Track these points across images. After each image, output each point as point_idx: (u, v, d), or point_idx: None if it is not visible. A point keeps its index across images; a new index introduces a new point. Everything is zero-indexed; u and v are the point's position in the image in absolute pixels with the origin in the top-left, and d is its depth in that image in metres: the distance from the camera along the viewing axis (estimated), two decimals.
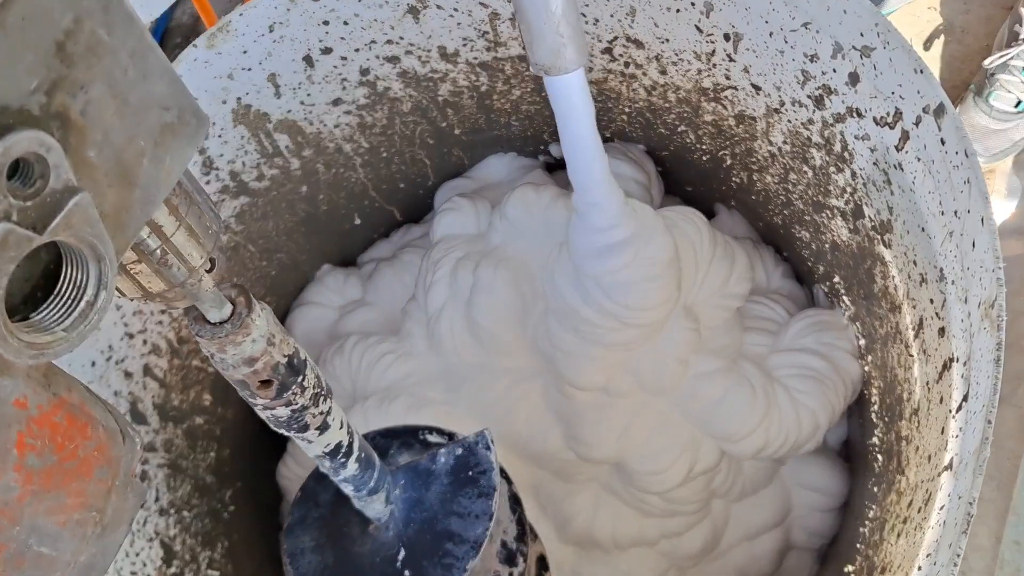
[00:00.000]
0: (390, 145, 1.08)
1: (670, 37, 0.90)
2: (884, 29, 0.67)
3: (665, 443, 0.98)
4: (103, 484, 0.31)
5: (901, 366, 0.81)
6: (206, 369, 1.01)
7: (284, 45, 0.89)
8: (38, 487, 0.28)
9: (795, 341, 1.01)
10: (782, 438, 0.97)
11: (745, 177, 1.02)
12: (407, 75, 0.99)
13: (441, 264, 1.02)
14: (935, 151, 0.65)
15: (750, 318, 1.04)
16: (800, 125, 0.85)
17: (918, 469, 0.71)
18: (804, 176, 0.91)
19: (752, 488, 1.05)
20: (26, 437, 0.27)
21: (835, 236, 0.91)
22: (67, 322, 0.27)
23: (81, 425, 0.30)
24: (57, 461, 0.28)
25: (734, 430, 0.96)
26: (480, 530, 0.59)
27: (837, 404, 0.98)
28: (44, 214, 0.25)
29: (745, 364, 0.99)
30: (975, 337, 0.61)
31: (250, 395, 0.44)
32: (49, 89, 0.25)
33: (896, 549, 0.69)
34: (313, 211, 1.08)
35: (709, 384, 0.97)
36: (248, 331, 0.40)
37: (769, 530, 1.07)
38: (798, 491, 1.07)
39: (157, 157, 0.29)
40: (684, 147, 1.07)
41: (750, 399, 0.96)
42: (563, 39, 0.66)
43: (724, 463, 1.01)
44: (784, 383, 0.98)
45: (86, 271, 0.28)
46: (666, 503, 1.01)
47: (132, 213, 0.29)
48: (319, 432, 0.48)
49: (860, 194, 0.81)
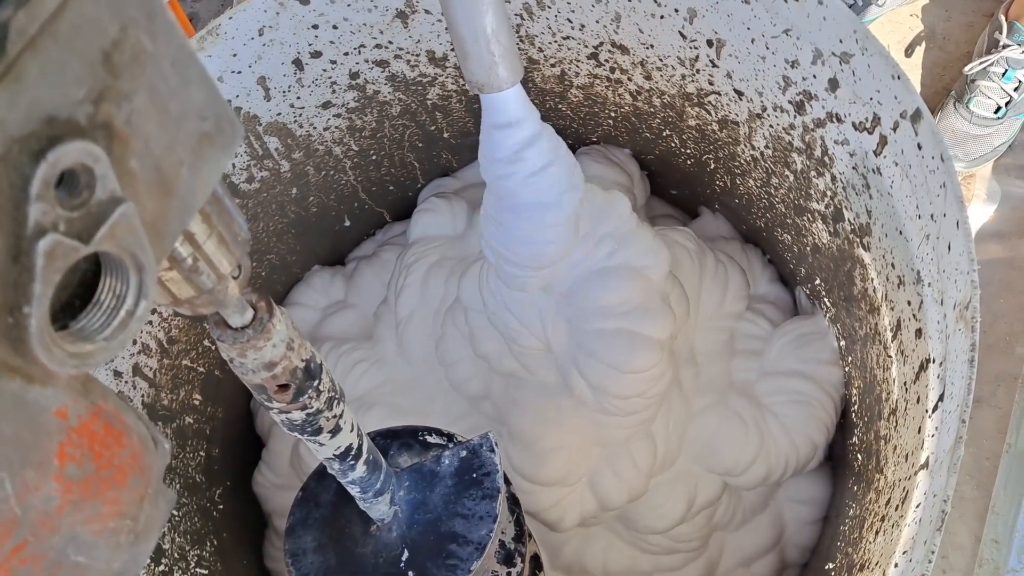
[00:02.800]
0: (379, 148, 1.09)
1: (655, 43, 0.91)
2: (862, 36, 0.69)
3: (661, 480, 0.98)
4: (137, 492, 0.31)
5: (880, 367, 0.82)
6: (196, 369, 1.02)
7: (274, 49, 0.91)
8: (76, 496, 0.28)
9: (779, 362, 1.01)
10: (783, 464, 0.98)
11: (728, 181, 1.04)
12: (396, 79, 1.01)
13: (413, 268, 1.02)
14: (912, 156, 0.67)
15: (737, 338, 1.04)
16: (782, 130, 0.87)
17: (896, 468, 0.72)
18: (786, 180, 0.92)
19: (751, 514, 1.05)
20: (66, 447, 0.27)
21: (816, 239, 0.93)
22: (107, 331, 0.27)
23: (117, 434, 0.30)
24: (95, 470, 0.29)
25: (731, 464, 0.97)
26: (484, 532, 0.60)
27: (829, 421, 0.99)
28: (90, 224, 0.25)
29: (734, 397, 0.99)
30: (950, 338, 0.62)
31: (266, 399, 0.44)
32: (96, 99, 0.25)
33: (874, 547, 0.70)
34: (303, 213, 1.09)
35: (701, 422, 0.97)
36: (269, 336, 0.40)
37: (765, 554, 1.06)
38: (788, 506, 1.06)
39: (194, 166, 0.30)
40: (669, 151, 1.08)
41: (743, 433, 0.96)
42: (495, 57, 0.66)
43: (725, 496, 1.01)
44: (774, 411, 0.99)
45: (126, 280, 0.28)
46: (668, 541, 1.00)
47: (170, 222, 0.29)
48: (331, 435, 0.49)
49: (840, 198, 0.82)
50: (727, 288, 1.03)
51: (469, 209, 1.08)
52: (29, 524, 0.26)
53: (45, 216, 0.24)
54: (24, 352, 0.24)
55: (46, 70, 0.23)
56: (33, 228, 0.24)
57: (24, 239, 0.24)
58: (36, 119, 0.23)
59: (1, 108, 0.22)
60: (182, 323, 0.98)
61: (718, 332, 1.02)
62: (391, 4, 0.92)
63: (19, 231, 0.23)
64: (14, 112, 0.23)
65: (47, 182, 0.24)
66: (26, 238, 0.24)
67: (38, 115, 0.23)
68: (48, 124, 0.23)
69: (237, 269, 0.36)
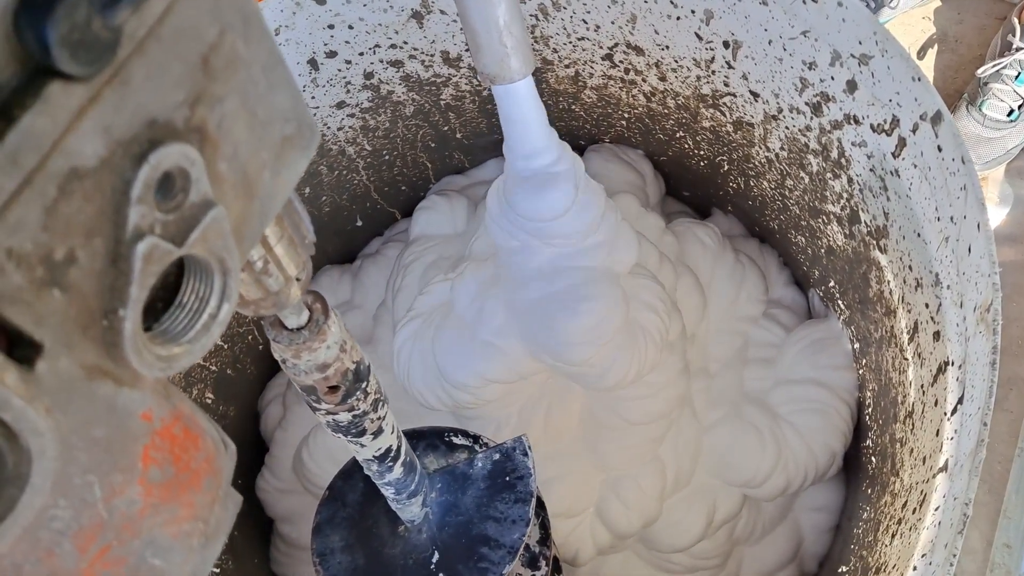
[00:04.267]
0: (392, 148, 1.09)
1: (670, 44, 0.91)
2: (882, 37, 0.69)
3: (678, 496, 0.97)
4: (210, 495, 0.31)
5: (895, 369, 0.82)
6: (208, 368, 1.02)
7: (289, 48, 0.91)
8: (157, 500, 0.28)
9: (793, 370, 1.00)
10: (802, 474, 0.97)
11: (742, 182, 1.04)
12: (410, 79, 1.01)
13: (411, 268, 1.01)
14: (932, 158, 0.67)
15: (750, 346, 1.03)
16: (798, 132, 0.87)
17: (912, 471, 0.72)
18: (801, 182, 0.92)
19: (771, 527, 1.03)
20: (150, 450, 0.27)
21: (831, 241, 0.93)
22: (190, 334, 0.27)
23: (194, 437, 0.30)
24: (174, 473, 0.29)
25: (750, 476, 0.96)
26: (516, 536, 0.59)
27: (846, 428, 0.98)
28: (183, 227, 0.25)
29: (748, 408, 0.98)
30: (970, 341, 0.62)
31: (315, 400, 0.44)
32: (192, 102, 0.25)
33: (891, 550, 0.70)
34: (316, 212, 1.09)
35: (715, 434, 0.96)
36: (324, 338, 0.40)
37: (785, 566, 1.04)
38: (806, 515, 1.05)
39: (276, 169, 0.30)
40: (682, 152, 1.08)
41: (760, 444, 0.95)
42: (507, 49, 0.66)
43: (745, 509, 1.00)
44: (789, 420, 0.98)
45: (210, 283, 0.28)
46: (690, 559, 0.98)
47: (251, 225, 0.29)
48: (373, 437, 0.49)
49: (856, 200, 0.82)
50: (741, 288, 1.03)
51: (470, 207, 1.07)
52: (114, 527, 0.26)
53: (144, 219, 0.24)
54: (116, 355, 0.24)
55: (150, 73, 0.23)
56: (132, 231, 0.24)
57: (123, 242, 0.24)
58: (139, 122, 0.23)
59: (108, 112, 0.22)
60: None
61: (732, 336, 1.02)
62: (407, 4, 0.92)
63: (118, 234, 0.24)
64: (120, 115, 0.23)
65: (148, 185, 0.24)
66: (125, 241, 0.24)
67: (141, 118, 0.23)
68: (149, 127, 0.24)
69: (302, 272, 0.36)
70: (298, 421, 1.04)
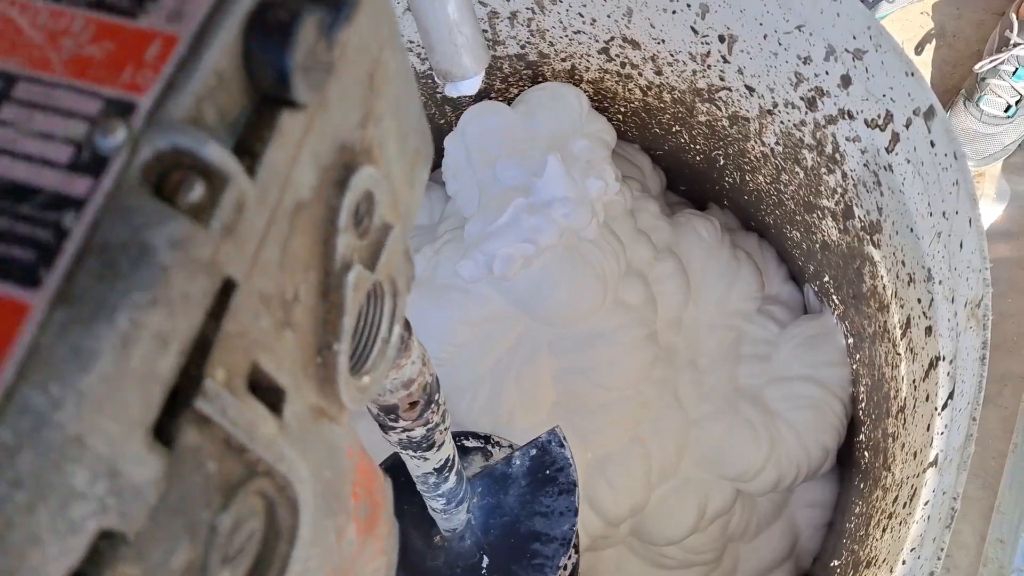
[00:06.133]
0: None
1: (666, 38, 0.91)
2: (876, 32, 0.68)
3: (670, 489, 0.97)
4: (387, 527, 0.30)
5: (888, 364, 0.82)
6: None
7: None
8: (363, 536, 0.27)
9: (787, 367, 1.00)
10: (795, 469, 0.97)
11: (738, 177, 1.04)
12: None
13: None
14: (925, 153, 0.67)
15: (744, 342, 1.03)
16: (792, 126, 0.86)
17: (904, 465, 0.72)
18: (796, 177, 0.92)
19: (765, 523, 1.03)
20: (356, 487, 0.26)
21: (825, 236, 0.93)
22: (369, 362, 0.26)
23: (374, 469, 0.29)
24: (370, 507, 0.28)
25: (742, 470, 0.96)
26: (567, 526, 0.58)
27: (839, 424, 0.98)
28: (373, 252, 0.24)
29: (741, 402, 0.99)
30: (961, 336, 0.62)
31: (392, 419, 0.42)
32: (363, 122, 0.24)
33: (881, 544, 0.70)
34: None
35: (707, 428, 0.97)
36: (410, 353, 0.38)
37: (781, 563, 1.04)
38: (801, 511, 1.05)
39: (411, 183, 0.28)
40: (678, 147, 1.08)
41: (752, 439, 0.95)
42: (457, 47, 0.67)
43: (738, 504, 1.00)
44: (784, 416, 0.98)
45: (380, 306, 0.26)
46: (683, 553, 0.98)
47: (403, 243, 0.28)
48: (438, 449, 0.47)
49: (851, 195, 0.82)
50: (735, 283, 1.03)
51: (446, 198, 1.07)
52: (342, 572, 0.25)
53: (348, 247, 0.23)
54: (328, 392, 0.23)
55: (341, 95, 0.22)
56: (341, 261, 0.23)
57: (333, 274, 0.23)
58: (334, 147, 0.22)
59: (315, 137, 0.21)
60: None
61: (724, 331, 1.02)
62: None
63: (328, 265, 0.22)
64: (323, 141, 0.21)
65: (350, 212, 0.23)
66: (335, 272, 0.23)
67: (335, 142, 0.22)
68: (340, 151, 0.22)
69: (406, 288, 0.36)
70: None
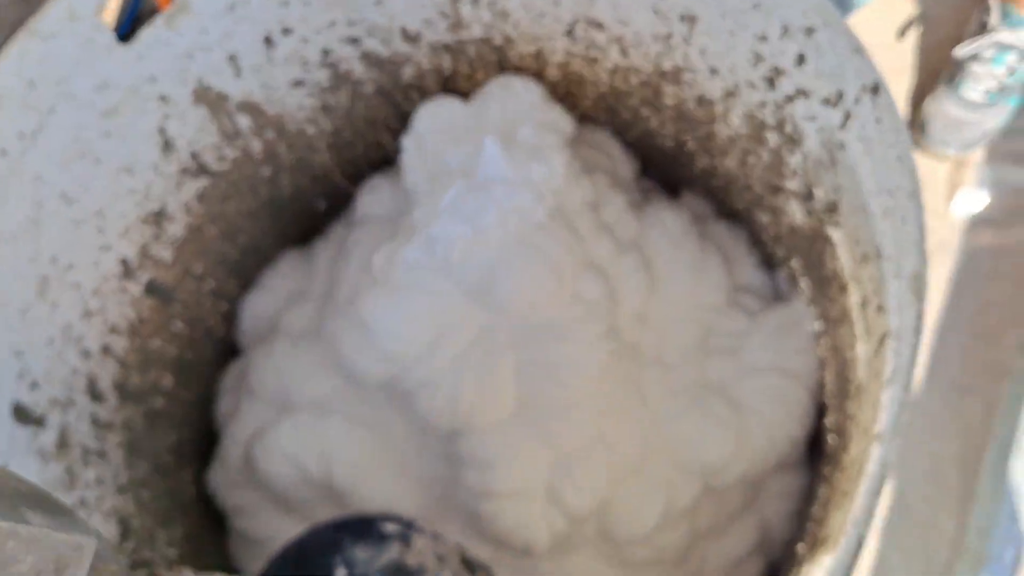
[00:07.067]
0: (354, 128, 1.09)
1: (629, 19, 0.90)
2: (823, 9, 0.68)
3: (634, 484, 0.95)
4: None
5: (848, 346, 0.81)
6: (166, 351, 1.01)
7: (244, 25, 0.90)
8: None
9: (756, 358, 0.98)
10: (762, 460, 0.96)
11: (708, 161, 1.03)
12: (369, 57, 1.00)
13: (353, 255, 1.00)
14: (872, 130, 0.66)
15: (713, 335, 1.01)
16: (755, 107, 0.86)
17: (857, 443, 0.71)
18: (761, 159, 0.91)
19: (735, 517, 1.01)
20: None
21: (792, 219, 0.92)
22: None
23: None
24: None
25: (709, 464, 0.94)
26: None
27: (807, 414, 0.97)
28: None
29: (709, 397, 0.97)
30: (904, 311, 0.61)
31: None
32: None
33: (833, 521, 0.69)
34: (277, 194, 1.08)
35: (673, 425, 0.95)
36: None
37: (750, 556, 1.02)
38: (770, 502, 1.03)
39: None
40: (648, 132, 1.07)
41: (720, 433, 0.94)
42: None
43: (706, 499, 0.98)
44: (752, 408, 0.96)
45: None
46: (650, 551, 0.96)
47: None
48: None
49: (811, 175, 0.81)
50: (703, 277, 1.01)
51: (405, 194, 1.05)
52: None
53: None
54: None
55: None
56: None
57: None
58: None
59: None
60: (153, 304, 0.97)
61: (692, 326, 1.00)
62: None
63: None
64: None
65: None
66: None
67: None
68: None
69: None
70: (249, 414, 1.02)
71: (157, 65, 0.85)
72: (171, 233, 0.97)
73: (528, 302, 0.88)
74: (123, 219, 0.90)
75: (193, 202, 0.98)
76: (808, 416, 0.97)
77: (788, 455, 0.97)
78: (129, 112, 0.85)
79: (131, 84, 0.84)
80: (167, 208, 0.95)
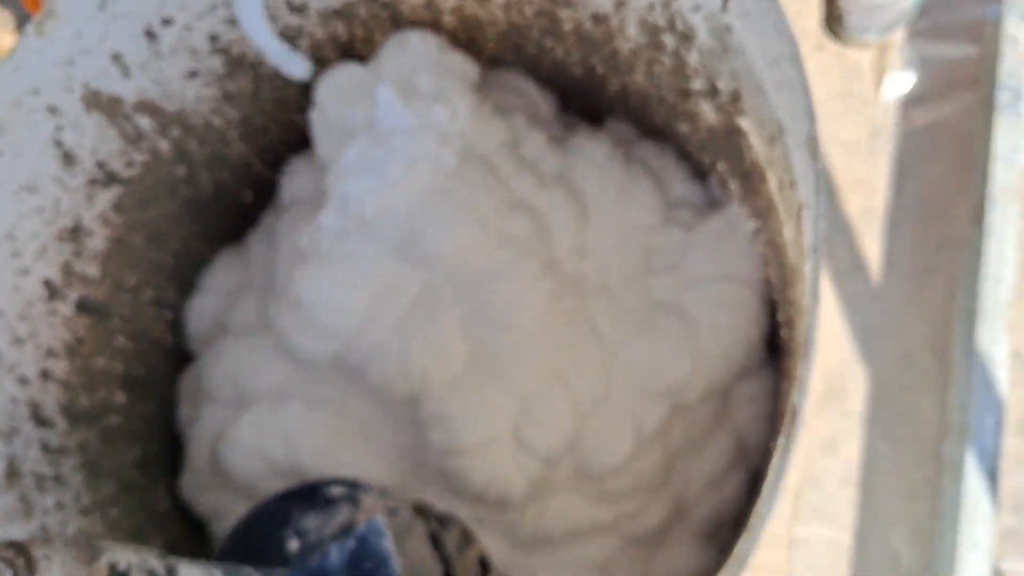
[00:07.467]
0: (263, 113, 1.07)
1: None
2: None
3: (600, 416, 0.94)
4: None
5: (778, 233, 0.80)
6: (113, 367, 0.99)
7: (120, 22, 0.88)
8: None
9: (700, 269, 0.97)
10: (722, 369, 0.95)
11: (618, 82, 1.01)
12: None
13: (283, 241, 0.99)
14: (750, 4, 0.64)
15: (652, 255, 1.00)
16: (645, 11, 0.84)
17: (799, 328, 0.70)
18: (665, 66, 0.90)
19: (708, 431, 1.00)
20: None
21: (707, 120, 0.91)
22: None
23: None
24: None
25: (670, 384, 0.93)
26: None
27: (759, 315, 0.96)
28: None
29: (660, 317, 0.96)
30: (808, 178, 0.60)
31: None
32: None
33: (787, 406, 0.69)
34: (198, 192, 1.06)
35: (628, 350, 0.94)
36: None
37: (731, 468, 1.01)
38: (740, 409, 1.01)
39: None
40: (557, 64, 1.05)
41: (675, 351, 0.93)
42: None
43: (675, 418, 0.97)
44: (703, 320, 0.95)
45: None
46: (628, 480, 0.95)
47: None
48: None
49: (710, 69, 0.80)
50: (633, 199, 0.99)
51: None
52: None
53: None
54: None
55: None
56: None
57: None
58: None
59: None
60: (88, 322, 0.95)
61: (631, 250, 0.98)
62: None
63: None
64: None
65: None
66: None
67: None
68: None
69: None
70: (209, 416, 1.01)
71: (36, 75, 0.83)
72: (92, 247, 0.95)
73: (455, 251, 0.86)
74: (36, 239, 0.88)
75: (110, 213, 0.96)
76: (760, 317, 0.96)
77: (748, 359, 0.97)
78: (17, 128, 0.83)
79: (13, 98, 0.82)
80: (82, 222, 0.93)
